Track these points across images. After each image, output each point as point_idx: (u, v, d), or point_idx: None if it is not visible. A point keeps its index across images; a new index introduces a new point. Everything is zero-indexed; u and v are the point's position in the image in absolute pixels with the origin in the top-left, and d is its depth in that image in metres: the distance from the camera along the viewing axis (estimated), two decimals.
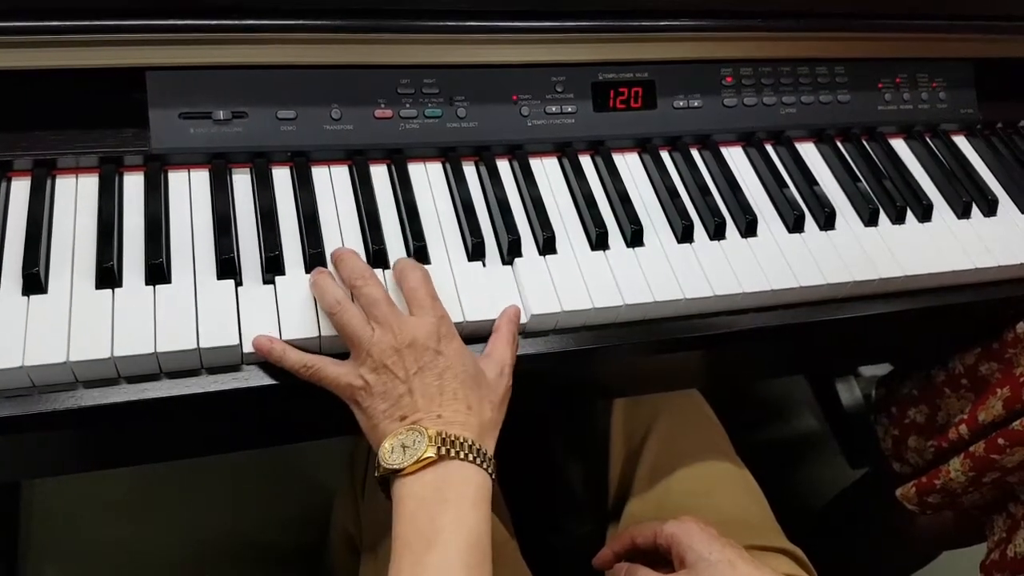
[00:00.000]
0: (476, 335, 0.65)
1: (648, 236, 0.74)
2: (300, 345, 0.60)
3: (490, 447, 0.58)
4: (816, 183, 0.81)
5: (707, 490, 0.84)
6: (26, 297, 0.59)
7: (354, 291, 0.61)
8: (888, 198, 0.82)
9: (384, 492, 0.57)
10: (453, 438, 0.55)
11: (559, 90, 0.77)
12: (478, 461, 0.55)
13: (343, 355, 0.61)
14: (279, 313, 0.62)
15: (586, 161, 0.78)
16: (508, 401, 0.61)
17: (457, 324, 0.64)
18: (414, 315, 0.60)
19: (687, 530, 0.66)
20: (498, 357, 0.62)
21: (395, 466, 0.54)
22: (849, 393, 1.52)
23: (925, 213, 0.82)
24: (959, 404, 0.94)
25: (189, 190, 0.68)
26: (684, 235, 0.74)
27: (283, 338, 0.60)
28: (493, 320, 0.65)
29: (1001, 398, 0.83)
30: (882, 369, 1.18)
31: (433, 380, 0.57)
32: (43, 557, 1.22)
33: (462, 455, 0.55)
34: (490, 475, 0.56)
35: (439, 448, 0.54)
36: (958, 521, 0.99)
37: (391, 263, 0.67)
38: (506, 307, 0.66)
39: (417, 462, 0.54)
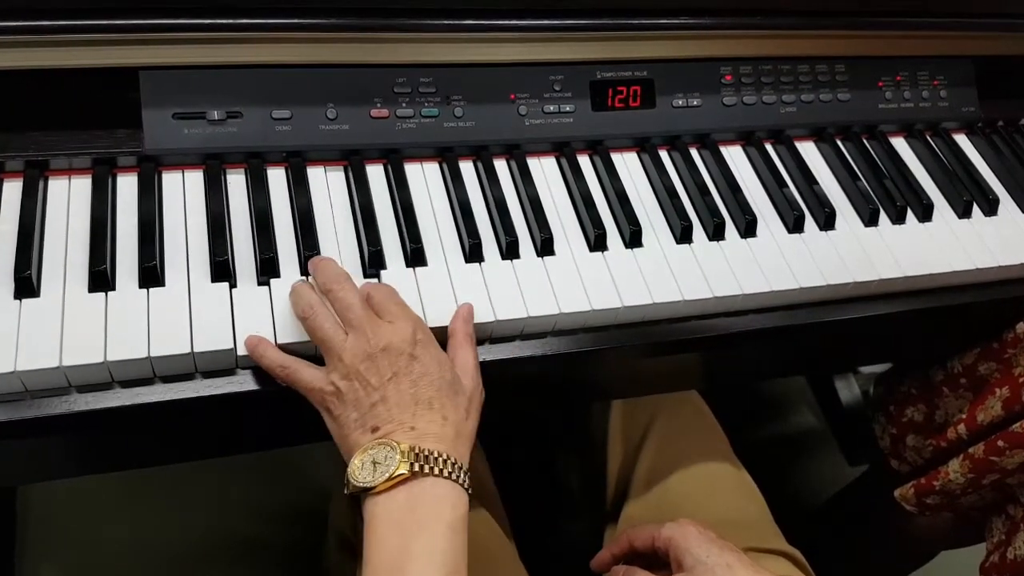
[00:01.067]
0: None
1: (647, 237, 0.73)
2: (294, 350, 0.60)
3: (466, 459, 0.55)
4: (816, 182, 0.81)
5: (705, 491, 0.84)
6: (18, 301, 0.58)
7: (329, 296, 0.59)
8: (888, 198, 0.81)
9: (356, 508, 0.55)
10: (427, 453, 0.52)
11: (557, 89, 0.76)
12: (454, 476, 0.53)
13: None
14: (274, 316, 0.61)
15: (584, 161, 0.78)
16: (482, 407, 0.59)
17: None
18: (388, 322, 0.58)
19: (684, 533, 0.66)
20: (461, 362, 0.60)
21: (365, 484, 0.51)
22: (848, 390, 1.51)
23: (926, 213, 0.81)
24: (957, 404, 0.94)
25: (183, 191, 0.67)
26: (683, 236, 0.74)
27: (277, 342, 0.60)
28: (491, 322, 0.65)
29: (1000, 398, 0.83)
30: (881, 366, 1.18)
31: (408, 388, 0.55)
32: (39, 556, 1.22)
33: (436, 471, 0.52)
34: (466, 490, 0.54)
35: (412, 464, 0.51)
36: (957, 521, 0.99)
37: (388, 265, 0.66)
38: (458, 307, 0.63)
39: (389, 479, 0.51)
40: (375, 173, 0.72)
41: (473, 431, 0.58)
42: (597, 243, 0.71)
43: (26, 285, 0.59)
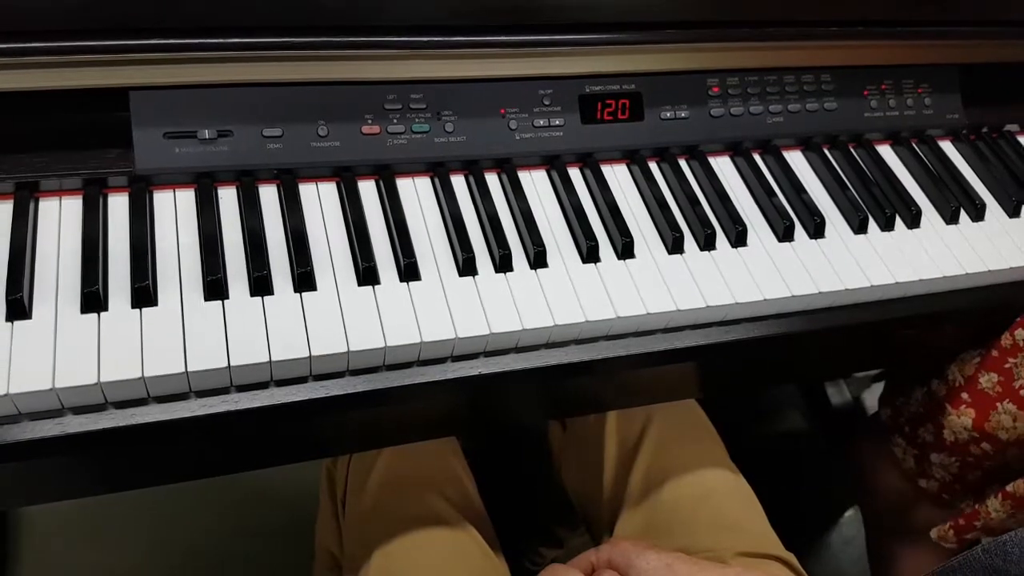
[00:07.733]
0: (468, 352, 0.65)
1: (639, 248, 0.73)
2: (288, 366, 0.60)
3: None
4: (804, 191, 0.81)
5: (702, 496, 0.84)
6: (10, 323, 0.58)
7: None
8: (877, 205, 0.82)
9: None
10: None
11: (546, 103, 0.77)
12: None
13: (335, 374, 0.60)
14: (268, 334, 0.61)
15: (575, 174, 0.78)
16: None
17: (448, 341, 0.63)
18: None
19: (620, 549, 0.67)
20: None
21: None
22: (839, 396, 1.52)
23: (914, 220, 0.82)
24: (960, 422, 0.92)
25: (175, 210, 0.67)
26: (675, 246, 0.74)
27: (273, 359, 0.60)
28: (486, 335, 0.65)
29: (1011, 415, 0.83)
30: (872, 372, 1.18)
31: None
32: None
33: None
34: None
35: None
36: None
37: (382, 280, 0.66)
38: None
39: None
40: (367, 189, 0.72)
41: None
42: (590, 255, 0.71)
43: (18, 307, 0.58)
